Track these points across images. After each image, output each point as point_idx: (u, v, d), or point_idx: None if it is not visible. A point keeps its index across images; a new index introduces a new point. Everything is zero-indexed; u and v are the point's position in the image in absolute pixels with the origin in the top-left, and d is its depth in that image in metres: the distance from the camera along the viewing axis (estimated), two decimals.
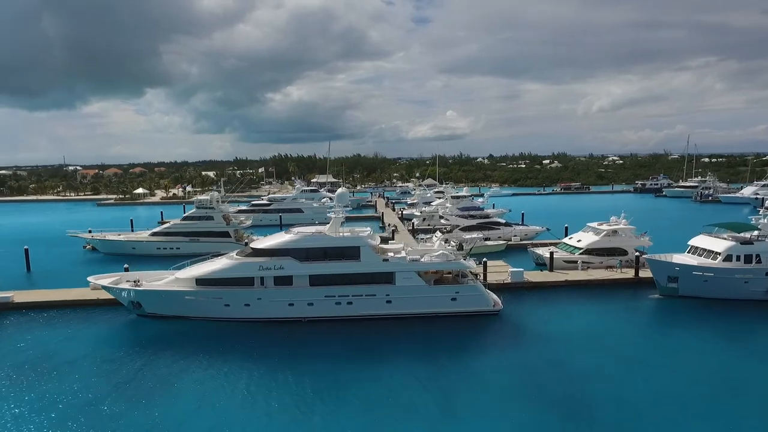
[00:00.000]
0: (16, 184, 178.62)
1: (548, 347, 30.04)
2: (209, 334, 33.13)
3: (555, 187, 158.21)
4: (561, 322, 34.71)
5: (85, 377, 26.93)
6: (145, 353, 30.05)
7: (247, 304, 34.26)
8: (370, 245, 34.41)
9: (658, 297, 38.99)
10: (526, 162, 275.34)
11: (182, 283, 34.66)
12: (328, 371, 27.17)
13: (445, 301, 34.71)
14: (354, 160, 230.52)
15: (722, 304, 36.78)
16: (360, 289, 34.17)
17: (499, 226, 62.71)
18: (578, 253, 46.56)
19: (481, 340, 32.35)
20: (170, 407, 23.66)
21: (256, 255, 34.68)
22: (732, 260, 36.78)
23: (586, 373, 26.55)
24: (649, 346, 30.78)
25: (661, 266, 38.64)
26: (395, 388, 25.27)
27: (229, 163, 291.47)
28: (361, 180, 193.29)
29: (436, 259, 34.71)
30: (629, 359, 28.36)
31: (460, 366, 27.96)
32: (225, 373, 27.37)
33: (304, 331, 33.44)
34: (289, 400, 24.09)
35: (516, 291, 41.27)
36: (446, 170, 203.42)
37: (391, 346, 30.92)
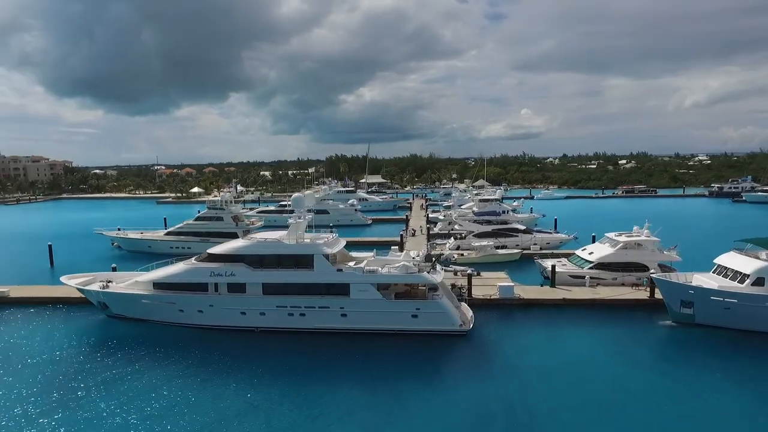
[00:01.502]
0: (96, 183, 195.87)
1: (515, 380, 25.67)
2: (163, 338, 32.39)
3: (616, 190, 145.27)
4: (542, 349, 30.00)
5: (29, 373, 27.25)
6: (97, 354, 30.15)
7: (200, 310, 33.21)
8: (324, 253, 31.97)
9: (671, 324, 32.90)
10: (599, 162, 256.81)
11: (141, 287, 34.34)
12: (266, 385, 25.52)
13: (405, 317, 31.41)
14: (408, 161, 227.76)
15: (749, 339, 30.21)
16: (313, 301, 31.87)
17: (517, 233, 57.47)
18: (587, 268, 40.91)
19: (437, 366, 28.41)
20: (94, 411, 23.05)
21: (211, 260, 33.52)
22: (764, 285, 30.02)
23: (552, 418, 22.03)
24: (645, 386, 24.88)
25: (672, 288, 32.55)
26: (324, 410, 23.08)
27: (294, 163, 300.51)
28: (410, 181, 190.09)
29: (395, 271, 31.52)
30: (614, 403, 23.24)
31: (403, 396, 24.38)
32: (160, 378, 26.53)
33: (255, 342, 31.73)
34: (219, 413, 22.88)
35: (504, 309, 36.89)
36: (501, 171, 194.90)
37: (340, 364, 28.22)
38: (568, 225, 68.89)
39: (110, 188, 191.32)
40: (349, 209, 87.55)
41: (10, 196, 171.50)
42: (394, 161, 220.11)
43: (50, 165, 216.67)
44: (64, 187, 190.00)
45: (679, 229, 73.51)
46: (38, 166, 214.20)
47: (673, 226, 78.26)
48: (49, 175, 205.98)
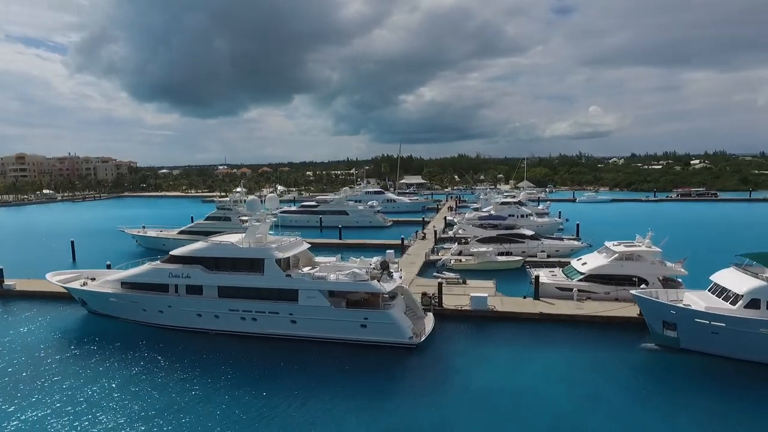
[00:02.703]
0: (154, 182, 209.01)
1: (460, 402, 23.54)
2: (127, 336, 33.21)
3: (671, 194, 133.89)
4: (501, 368, 27.48)
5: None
6: (64, 346, 31.54)
7: (161, 310, 33.75)
8: (275, 258, 31.33)
9: (653, 348, 29.20)
10: (667, 162, 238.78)
11: (111, 285, 35.46)
12: (200, 387, 25.42)
13: (353, 326, 30.12)
14: (451, 161, 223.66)
15: (740, 369, 26.12)
16: (263, 306, 31.37)
17: (523, 240, 53.99)
18: (577, 279, 37.43)
19: (376, 381, 26.71)
20: (44, 407, 23.75)
21: (172, 261, 33.95)
22: (760, 307, 25.80)
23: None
24: (606, 419, 21.87)
25: (653, 307, 28.85)
26: (247, 416, 22.63)
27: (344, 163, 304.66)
28: (450, 181, 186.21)
29: (344, 278, 30.28)
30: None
31: (332, 409, 23.15)
32: (108, 374, 27.32)
33: (207, 345, 31.53)
34: (138, 410, 23.21)
35: (476, 321, 34.53)
36: (548, 171, 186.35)
37: (282, 372, 27.37)
38: (598, 231, 64.16)
39: (166, 187, 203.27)
40: (368, 210, 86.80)
41: (79, 193, 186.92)
42: (436, 161, 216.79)
43: (116, 165, 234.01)
44: (127, 186, 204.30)
45: (718, 237, 66.54)
46: (107, 166, 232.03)
47: (716, 234, 70.99)
48: (115, 175, 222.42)
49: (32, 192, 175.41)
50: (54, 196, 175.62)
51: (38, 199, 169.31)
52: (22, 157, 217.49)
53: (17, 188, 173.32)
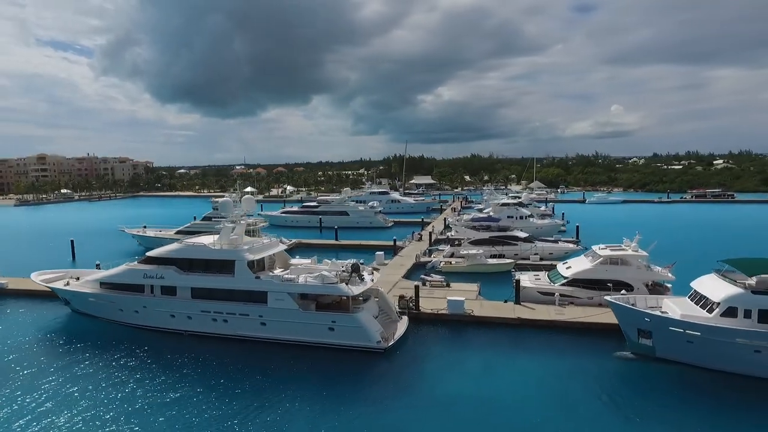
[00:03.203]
0: (168, 182, 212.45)
1: (423, 409, 23.02)
2: (105, 335, 33.55)
3: (685, 195, 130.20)
4: (470, 375, 26.74)
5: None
6: (45, 346, 31.97)
7: (136, 310, 33.99)
8: (246, 260, 31.22)
9: (628, 356, 28.15)
10: (689, 162, 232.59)
11: (91, 286, 35.86)
12: (169, 389, 25.44)
13: (322, 330, 29.82)
14: (464, 161, 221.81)
15: (716, 380, 24.99)
16: (234, 307, 31.32)
17: (516, 242, 52.99)
18: (560, 284, 36.43)
19: (339, 386, 26.19)
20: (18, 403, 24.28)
21: (146, 262, 34.15)
22: (736, 316, 24.61)
23: None
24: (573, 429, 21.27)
25: (627, 314, 27.81)
26: (206, 417, 22.77)
27: (357, 163, 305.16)
28: (459, 181, 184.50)
29: (312, 281, 29.99)
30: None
31: (291, 413, 22.93)
32: (81, 373, 27.73)
33: (179, 345, 31.55)
34: (98, 409, 23.57)
35: (452, 325, 33.91)
36: (561, 172, 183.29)
37: (249, 374, 27.16)
38: (602, 233, 62.52)
39: (180, 187, 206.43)
40: (368, 211, 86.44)
41: (95, 193, 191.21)
42: (447, 162, 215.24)
43: (133, 165, 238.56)
44: (142, 186, 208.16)
45: (722, 240, 64.29)
46: (123, 166, 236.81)
47: (722, 236, 68.57)
48: (131, 175, 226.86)
49: (51, 191, 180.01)
50: (71, 196, 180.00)
51: (56, 198, 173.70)
52: (43, 158, 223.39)
53: (36, 188, 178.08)
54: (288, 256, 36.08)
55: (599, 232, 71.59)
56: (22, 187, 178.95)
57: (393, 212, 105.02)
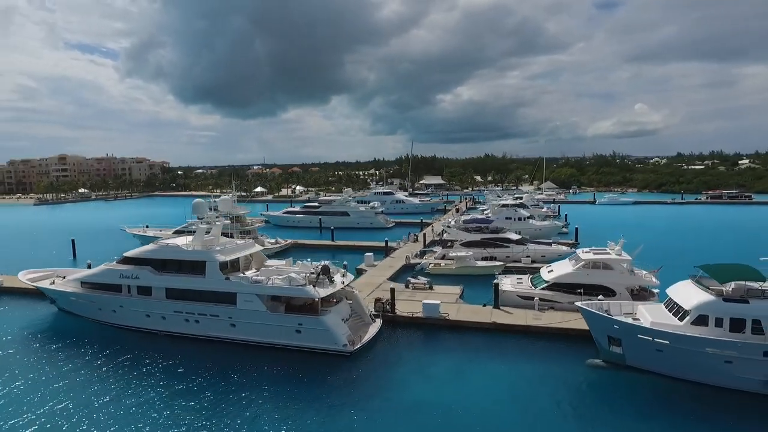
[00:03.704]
0: (183, 182, 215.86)
1: (383, 417, 22.52)
2: (85, 333, 33.97)
3: (700, 196, 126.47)
4: (437, 381, 26.18)
5: None
6: (26, 343, 32.64)
7: (114, 310, 34.43)
8: (217, 260, 31.30)
9: (599, 364, 27.27)
10: (713, 162, 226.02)
11: (72, 285, 36.45)
12: (133, 389, 25.70)
13: (289, 332, 29.71)
14: (476, 161, 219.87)
15: (689, 391, 24.01)
16: (205, 308, 31.43)
17: (508, 244, 52.10)
18: (540, 288, 35.60)
19: (306, 389, 25.91)
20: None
21: (124, 262, 34.54)
22: (707, 324, 23.59)
23: None
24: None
25: (597, 321, 26.96)
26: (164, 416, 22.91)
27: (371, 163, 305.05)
28: (469, 181, 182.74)
29: (280, 283, 29.88)
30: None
31: (250, 415, 22.92)
32: (57, 370, 28.23)
33: (152, 345, 31.76)
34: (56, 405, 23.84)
35: (427, 329, 33.43)
36: (574, 172, 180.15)
37: (216, 375, 27.18)
38: (605, 235, 60.75)
39: (194, 187, 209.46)
40: (369, 212, 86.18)
41: (112, 192, 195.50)
42: (458, 162, 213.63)
43: (150, 165, 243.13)
44: (158, 186, 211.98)
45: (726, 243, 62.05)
46: (140, 166, 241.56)
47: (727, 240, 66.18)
48: (147, 175, 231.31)
49: (69, 191, 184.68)
50: (89, 195, 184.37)
51: (74, 198, 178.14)
52: (63, 158, 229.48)
53: (55, 187, 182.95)
54: (264, 257, 36.08)
55: (602, 234, 69.75)
56: (42, 187, 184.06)
57: (397, 213, 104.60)
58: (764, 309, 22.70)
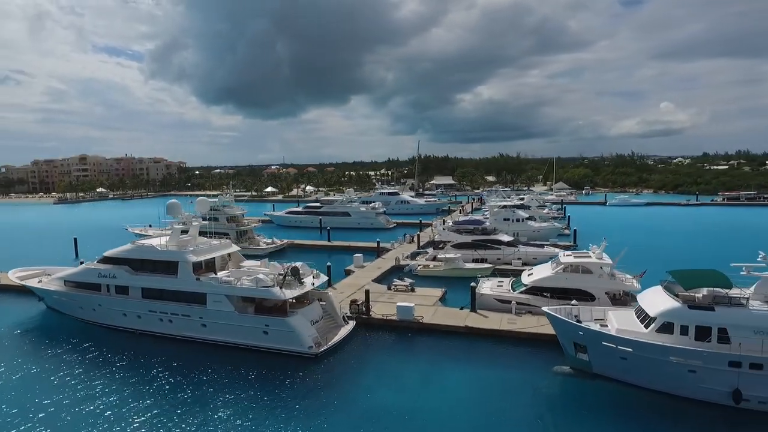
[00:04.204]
0: (197, 181, 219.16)
1: (340, 420, 22.38)
2: (67, 330, 34.91)
3: (717, 197, 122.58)
4: (401, 385, 25.91)
5: None
6: (8, 339, 33.52)
7: (93, 308, 35.02)
8: (189, 261, 31.54)
9: (566, 371, 26.57)
10: (738, 162, 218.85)
11: (56, 284, 37.22)
12: (101, 387, 26.16)
13: (257, 333, 29.76)
14: (488, 161, 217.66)
15: (655, 401, 23.20)
16: (177, 308, 31.73)
17: (499, 246, 51.31)
18: (519, 291, 34.91)
19: (268, 391, 25.80)
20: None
21: (103, 262, 35.09)
22: (673, 332, 22.73)
23: None
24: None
25: (562, 327, 26.25)
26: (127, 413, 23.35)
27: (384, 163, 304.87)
28: (480, 181, 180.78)
29: (248, 284, 29.93)
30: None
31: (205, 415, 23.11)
32: (23, 369, 28.76)
33: (129, 343, 32.29)
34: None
35: (401, 331, 33.13)
36: (587, 172, 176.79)
37: (183, 375, 27.40)
38: (610, 238, 59.81)
39: (208, 186, 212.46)
40: (370, 212, 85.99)
41: (128, 192, 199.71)
42: (470, 161, 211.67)
43: (166, 165, 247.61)
44: (173, 185, 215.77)
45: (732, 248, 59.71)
46: (158, 166, 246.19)
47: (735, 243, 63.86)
48: (164, 174, 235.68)
49: (88, 190, 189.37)
50: (106, 195, 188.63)
51: (92, 197, 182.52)
52: (84, 158, 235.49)
53: (74, 187, 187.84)
54: (242, 257, 36.24)
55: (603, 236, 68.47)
56: (62, 186, 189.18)
57: (402, 213, 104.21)
58: (730, 317, 21.75)
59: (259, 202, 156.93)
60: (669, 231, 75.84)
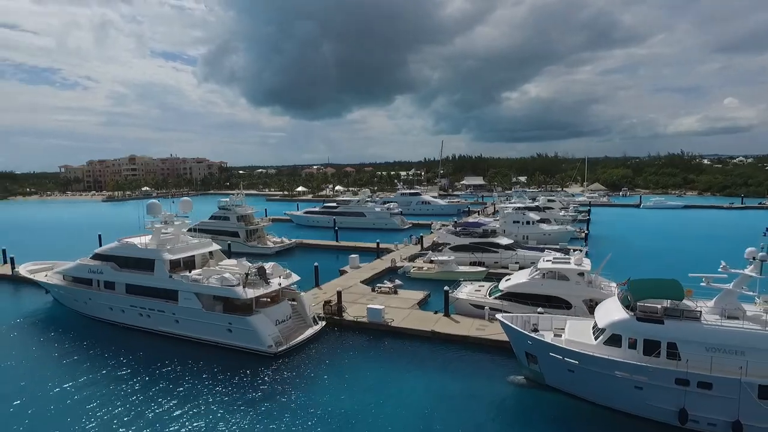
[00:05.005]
0: (236, 181, 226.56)
1: (290, 420, 22.66)
2: (63, 322, 37.38)
3: (765, 200, 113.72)
4: (354, 389, 25.77)
5: None
6: (10, 327, 36.24)
7: (85, 302, 37.09)
8: (164, 259, 32.81)
9: (521, 381, 25.61)
10: None
11: (56, 278, 39.69)
12: (75, 376, 27.73)
13: (222, 330, 30.56)
14: (527, 161, 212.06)
15: (604, 417, 22.02)
16: (154, 303, 33.09)
17: (497, 249, 50.04)
18: (494, 297, 33.96)
19: (221, 387, 26.57)
20: None
21: (94, 258, 37.05)
22: (621, 345, 21.47)
23: None
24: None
25: (514, 335, 25.32)
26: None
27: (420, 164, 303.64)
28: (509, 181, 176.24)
29: (214, 282, 30.77)
30: None
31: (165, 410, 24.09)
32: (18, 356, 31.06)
33: (113, 335, 34.03)
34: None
35: (371, 334, 33.08)
36: (627, 172, 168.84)
37: (151, 367, 28.66)
38: (623, 244, 57.82)
39: (245, 186, 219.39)
40: (384, 213, 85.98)
41: (172, 190, 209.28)
42: (505, 161, 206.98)
43: (208, 165, 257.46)
44: (213, 185, 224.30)
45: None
46: (200, 166, 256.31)
47: None
48: (205, 174, 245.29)
49: (134, 189, 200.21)
50: (150, 193, 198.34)
51: (137, 195, 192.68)
52: (133, 159, 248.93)
53: (121, 186, 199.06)
54: (223, 256, 37.27)
55: (620, 240, 65.59)
56: (111, 185, 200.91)
57: (423, 214, 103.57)
58: (680, 331, 20.29)
59: (290, 201, 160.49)
60: (698, 236, 71.28)
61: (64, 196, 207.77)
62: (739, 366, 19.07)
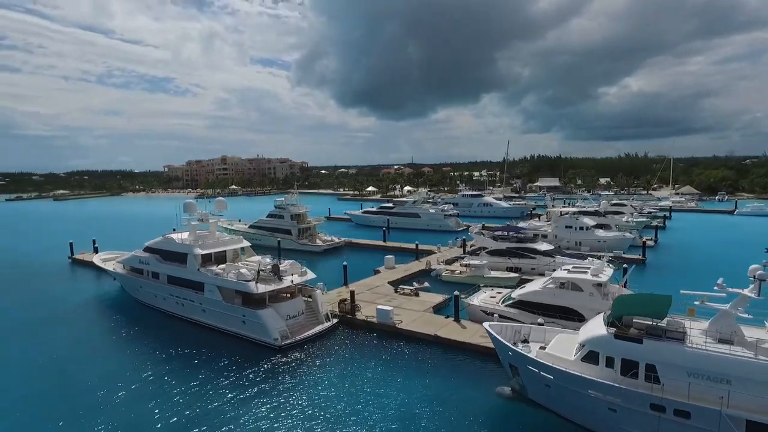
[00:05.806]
0: (314, 180, 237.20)
1: (282, 412, 24.15)
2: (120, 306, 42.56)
3: None
4: (351, 386, 26.72)
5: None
6: (85, 310, 42.13)
7: (137, 289, 41.87)
8: (195, 254, 36.12)
9: (507, 393, 24.85)
10: None
11: (118, 266, 45.12)
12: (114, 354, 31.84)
13: (237, 321, 33.10)
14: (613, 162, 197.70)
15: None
16: (186, 293, 36.54)
17: (534, 255, 48.08)
18: (506, 305, 33.02)
19: (227, 373, 28.92)
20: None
21: (145, 251, 41.52)
22: (598, 363, 20.24)
23: None
24: None
25: (499, 346, 24.60)
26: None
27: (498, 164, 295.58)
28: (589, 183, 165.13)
29: (231, 277, 33.33)
30: None
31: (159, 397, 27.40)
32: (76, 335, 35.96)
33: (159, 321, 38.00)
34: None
35: (379, 334, 33.87)
36: (728, 173, 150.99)
37: (176, 351, 31.81)
38: (696, 255, 52.99)
39: (323, 185, 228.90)
40: (438, 214, 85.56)
41: (256, 188, 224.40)
42: (587, 161, 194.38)
43: (290, 165, 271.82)
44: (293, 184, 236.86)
45: None
46: (283, 166, 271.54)
47: None
48: (286, 173, 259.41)
49: (223, 187, 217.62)
50: (236, 191, 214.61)
51: (225, 193, 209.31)
52: (224, 159, 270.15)
53: (210, 184, 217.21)
54: (252, 252, 40.03)
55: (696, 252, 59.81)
56: (204, 184, 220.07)
57: (484, 216, 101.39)
58: (659, 353, 18.68)
59: (360, 200, 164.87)
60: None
61: (165, 192, 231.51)
62: (720, 396, 17.21)
